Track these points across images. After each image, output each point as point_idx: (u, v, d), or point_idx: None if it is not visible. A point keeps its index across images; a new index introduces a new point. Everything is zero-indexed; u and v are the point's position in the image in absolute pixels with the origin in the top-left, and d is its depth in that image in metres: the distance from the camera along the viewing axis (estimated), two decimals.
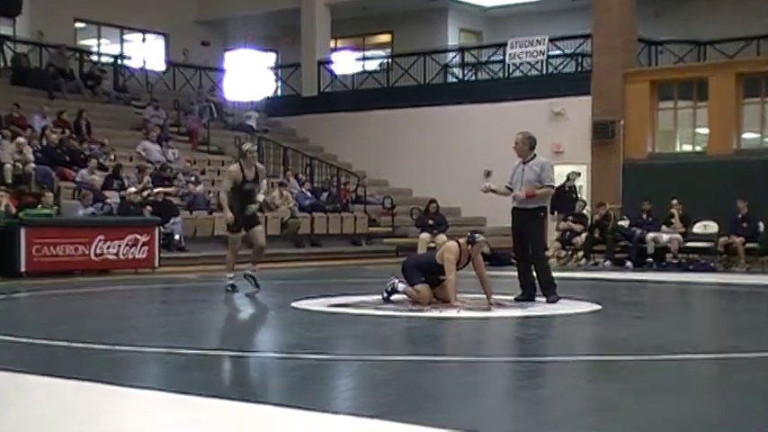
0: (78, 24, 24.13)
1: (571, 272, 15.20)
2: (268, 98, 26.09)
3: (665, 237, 16.36)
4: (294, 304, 9.00)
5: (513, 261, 9.84)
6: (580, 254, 17.21)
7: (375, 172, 23.05)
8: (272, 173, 21.67)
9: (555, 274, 9.54)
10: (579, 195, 20.66)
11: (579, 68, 21.60)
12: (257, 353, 6.22)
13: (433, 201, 18.14)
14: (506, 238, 10.55)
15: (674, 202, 16.69)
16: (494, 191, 9.55)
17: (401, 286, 9.04)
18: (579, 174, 19.80)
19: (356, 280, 13.29)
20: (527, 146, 9.27)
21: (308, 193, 20.03)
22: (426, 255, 10.60)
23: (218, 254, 16.72)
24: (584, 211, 18.01)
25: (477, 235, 8.86)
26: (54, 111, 19.06)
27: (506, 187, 9.46)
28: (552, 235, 18.41)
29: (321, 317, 8.21)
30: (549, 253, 16.18)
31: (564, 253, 17.35)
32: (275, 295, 9.93)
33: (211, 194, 18.29)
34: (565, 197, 18.06)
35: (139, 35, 25.29)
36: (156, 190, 16.70)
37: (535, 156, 9.32)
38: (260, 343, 6.74)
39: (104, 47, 24.52)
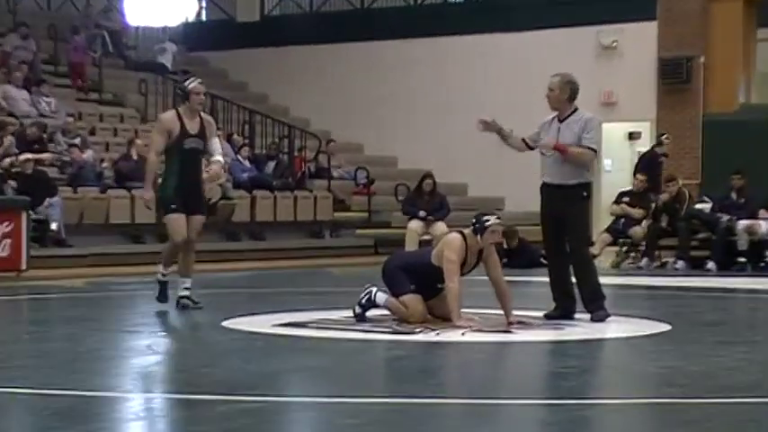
0: None
1: (627, 276, 15.26)
2: (188, 24, 25.96)
3: (764, 226, 16.44)
4: (226, 323, 8.98)
5: (543, 261, 9.88)
6: (640, 250, 17.29)
7: (344, 133, 23.05)
8: None
9: (603, 280, 9.57)
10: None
11: None
12: (170, 395, 6.21)
13: (427, 175, 18.17)
14: (534, 229, 10.55)
15: None
16: (501, 134, 9.47)
17: (382, 298, 9.05)
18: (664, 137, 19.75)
19: (316, 288, 13.28)
20: (566, 95, 9.28)
21: (247, 163, 20.00)
22: (418, 252, 10.62)
23: (115, 251, 16.72)
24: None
25: (486, 218, 8.86)
26: None
27: (523, 141, 9.44)
28: (599, 222, 18.52)
29: (265, 341, 8.18)
30: (594, 250, 16.30)
31: (617, 249, 17.41)
32: (199, 310, 9.91)
33: (105, 164, 18.21)
34: (658, 170, 17.82)
35: None
36: (22, 157, 16.60)
37: (577, 110, 9.34)
38: (174, 380, 6.73)
39: None
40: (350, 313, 9.20)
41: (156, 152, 9.80)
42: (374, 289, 9.12)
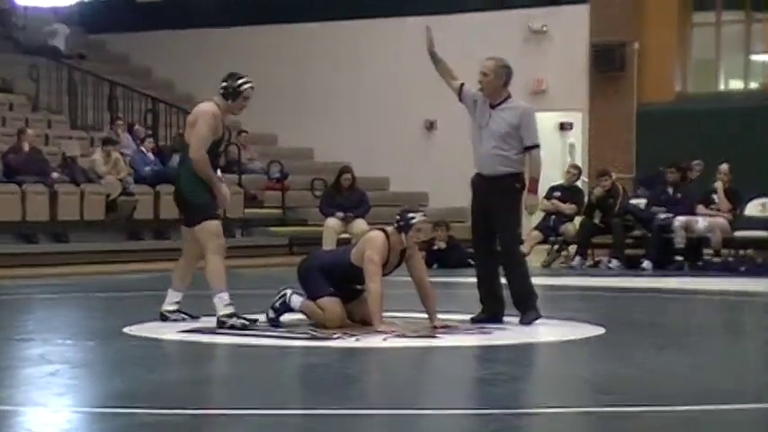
0: None
1: (559, 277, 15.40)
2: (84, 4, 25.64)
3: (701, 223, 16.66)
4: (128, 329, 8.92)
5: (472, 262, 9.94)
6: (572, 249, 17.45)
7: (257, 123, 22.92)
8: (93, 122, 21.38)
9: (534, 281, 9.64)
10: (573, 159, 20.92)
11: None
12: (66, 407, 6.14)
13: (346, 169, 18.16)
14: (460, 227, 10.64)
15: (724, 167, 16.82)
16: (431, 52, 9.42)
17: (297, 301, 9.04)
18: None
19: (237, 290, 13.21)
20: (501, 80, 9.31)
21: (151, 156, 19.82)
22: (337, 252, 10.60)
23: (4, 251, 16.45)
24: (579, 183, 18.26)
25: (411, 215, 8.89)
26: None
27: (460, 85, 9.39)
28: (529, 219, 18.66)
29: (171, 349, 8.12)
30: (523, 248, 16.40)
31: (548, 248, 17.56)
32: (98, 315, 9.82)
33: None
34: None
35: None
36: None
37: (510, 97, 9.39)
38: (71, 392, 6.65)
39: None
40: (263, 318, 9.17)
41: (206, 149, 9.09)
42: (289, 291, 9.10)
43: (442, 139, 21.00)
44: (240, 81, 9.36)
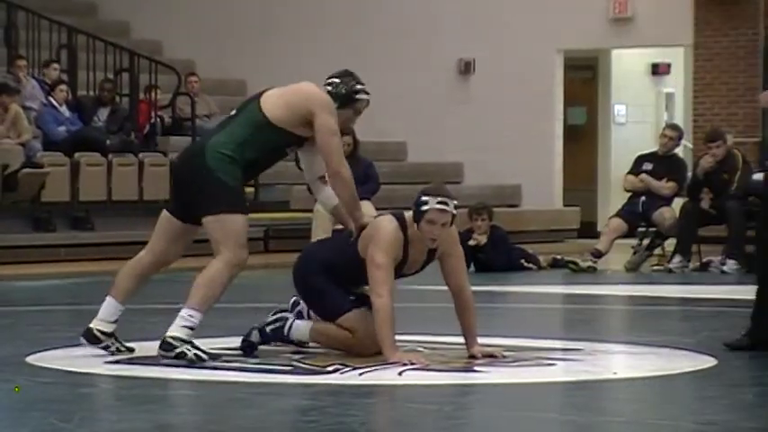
0: None
1: (651, 284, 15.36)
2: None
3: None
4: (33, 359, 8.95)
5: (525, 263, 9.90)
6: (670, 245, 17.41)
7: (215, 64, 22.98)
8: None
9: (611, 288, 9.61)
10: (671, 117, 20.90)
11: None
12: None
13: (345, 130, 18.11)
14: (506, 213, 10.58)
15: None
16: None
17: (303, 328, 8.99)
18: None
19: (173, 303, 13.17)
20: None
21: (66, 111, 19.82)
22: (339, 241, 10.38)
23: None
24: (679, 151, 18.22)
25: (423, 198, 8.66)
26: None
27: None
28: (608, 202, 18.63)
29: (94, 388, 8.15)
30: (600, 245, 16.43)
31: (635, 243, 17.52)
32: None
33: None
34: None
35: None
36: None
37: None
38: None
39: None
40: (227, 342, 9.19)
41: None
42: (290, 318, 9.03)
43: (484, 88, 20.90)
44: (358, 87, 9.48)
